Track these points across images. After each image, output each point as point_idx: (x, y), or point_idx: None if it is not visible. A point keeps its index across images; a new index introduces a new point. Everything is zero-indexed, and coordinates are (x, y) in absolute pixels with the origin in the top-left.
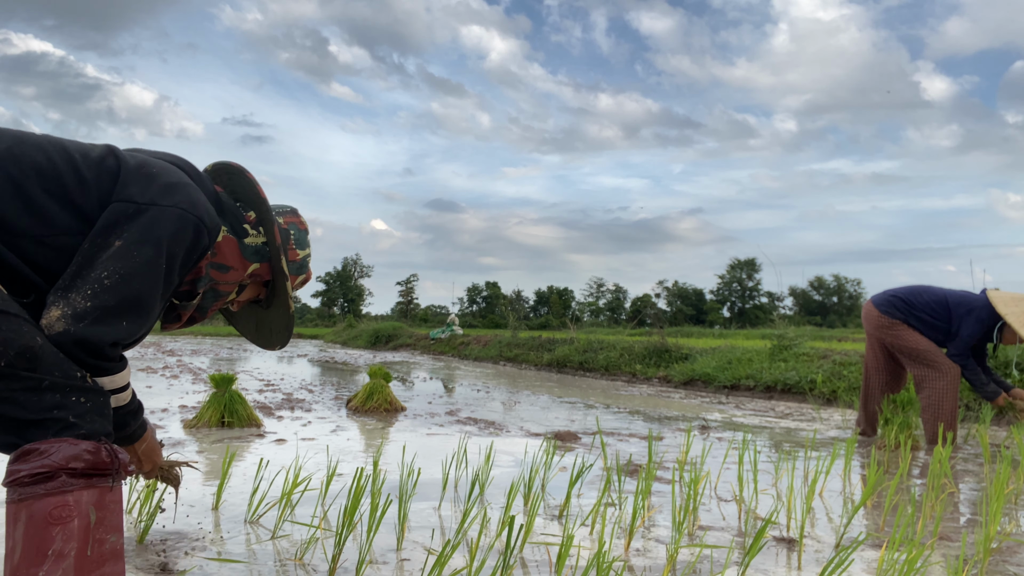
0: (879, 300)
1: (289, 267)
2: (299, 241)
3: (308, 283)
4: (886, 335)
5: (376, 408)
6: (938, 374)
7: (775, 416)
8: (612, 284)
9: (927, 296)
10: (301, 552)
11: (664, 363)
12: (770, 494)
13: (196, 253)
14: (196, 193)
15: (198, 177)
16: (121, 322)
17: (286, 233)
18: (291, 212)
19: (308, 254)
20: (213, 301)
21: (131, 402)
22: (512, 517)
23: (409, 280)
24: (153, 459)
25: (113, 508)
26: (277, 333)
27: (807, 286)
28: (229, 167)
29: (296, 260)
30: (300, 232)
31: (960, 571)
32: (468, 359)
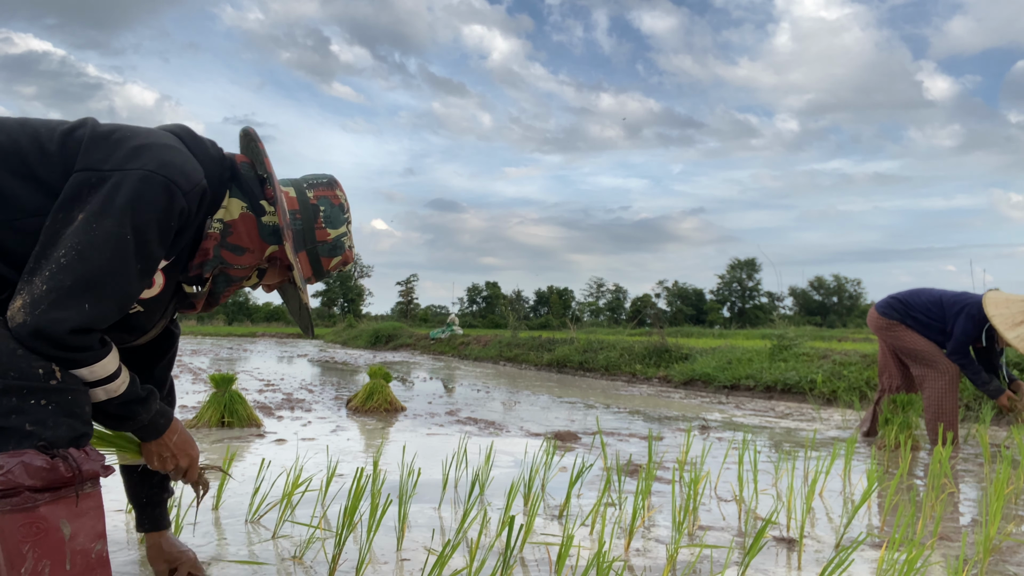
0: (880, 303)
1: (320, 248)
2: (330, 218)
3: (347, 266)
4: (886, 336)
5: (376, 408)
6: (937, 374)
7: (775, 416)
8: (612, 284)
9: (924, 297)
10: (301, 552)
11: (664, 363)
12: (770, 494)
13: (173, 219)
14: (171, 153)
15: (195, 141)
16: (82, 304)
17: (314, 209)
18: (326, 184)
19: (343, 233)
20: (226, 286)
21: (130, 390)
22: (512, 517)
23: (409, 280)
24: (190, 453)
25: (92, 515)
26: (302, 321)
27: (807, 286)
28: (245, 132)
29: (327, 240)
30: (333, 208)
31: (960, 571)
32: (468, 359)
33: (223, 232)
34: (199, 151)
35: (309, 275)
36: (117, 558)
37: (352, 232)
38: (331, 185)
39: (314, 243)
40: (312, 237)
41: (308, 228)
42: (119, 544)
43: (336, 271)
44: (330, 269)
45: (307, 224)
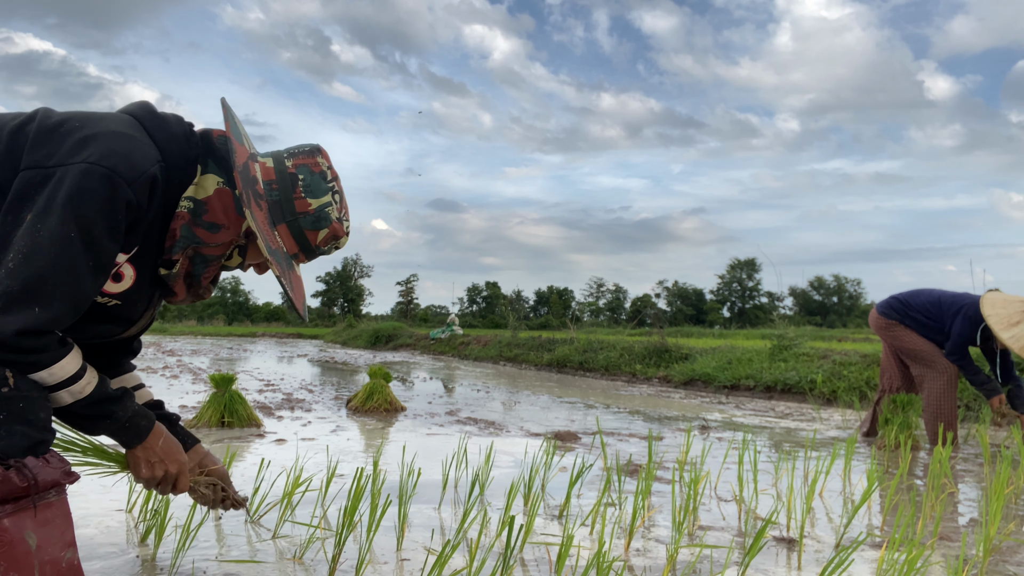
0: (881, 303)
1: (302, 220)
2: (310, 187)
3: (339, 241)
4: (887, 336)
5: (376, 408)
6: (936, 374)
7: (775, 416)
8: (612, 284)
9: (924, 297)
10: (301, 552)
11: (664, 363)
12: (770, 494)
13: (119, 211)
14: (117, 141)
15: (155, 121)
16: (31, 308)
17: (292, 178)
18: (307, 152)
19: (326, 203)
20: (204, 267)
21: (99, 390)
22: (512, 517)
23: (409, 280)
24: (178, 459)
25: (58, 523)
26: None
27: (807, 286)
28: (221, 101)
29: (308, 211)
30: (313, 176)
31: (960, 571)
32: (468, 359)
33: (194, 211)
34: (159, 131)
35: (295, 250)
36: (117, 558)
37: (344, 204)
38: (313, 152)
39: (294, 214)
40: (291, 208)
41: (286, 199)
42: (119, 545)
43: (328, 248)
44: (319, 244)
45: (284, 194)
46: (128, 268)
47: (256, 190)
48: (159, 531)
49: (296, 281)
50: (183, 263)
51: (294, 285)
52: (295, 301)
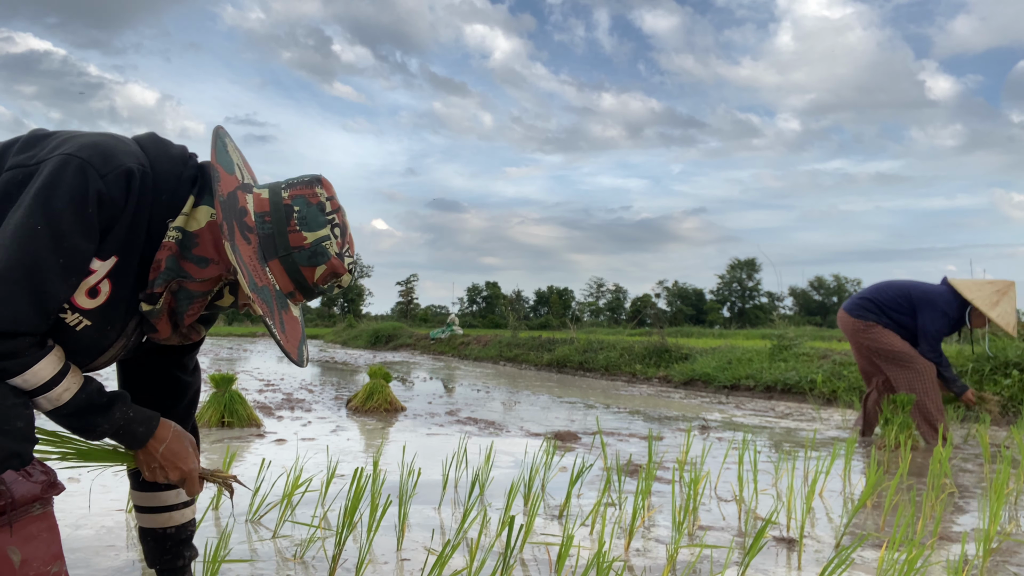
0: (850, 305)
1: (297, 256)
2: (305, 220)
3: (341, 279)
4: (863, 339)
5: (376, 408)
6: (915, 375)
7: (775, 416)
8: (612, 284)
9: (891, 291)
10: (302, 552)
11: (664, 363)
12: (770, 494)
13: (90, 204)
14: (98, 138)
15: (151, 139)
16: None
17: (287, 210)
18: (304, 183)
19: (323, 237)
20: (188, 303)
21: (77, 399)
22: (512, 517)
23: (409, 280)
24: (180, 467)
25: (44, 537)
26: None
27: (807, 286)
28: (214, 131)
29: (303, 246)
30: (310, 208)
31: (960, 571)
32: (468, 359)
33: (183, 242)
34: (153, 147)
35: (290, 288)
36: (118, 558)
37: (348, 239)
38: (311, 183)
39: (288, 249)
40: (285, 242)
41: (280, 232)
42: (119, 545)
43: (328, 286)
44: (317, 282)
45: (278, 227)
46: (106, 284)
47: (245, 222)
48: None
49: (290, 322)
50: (166, 298)
51: (287, 326)
52: (284, 344)
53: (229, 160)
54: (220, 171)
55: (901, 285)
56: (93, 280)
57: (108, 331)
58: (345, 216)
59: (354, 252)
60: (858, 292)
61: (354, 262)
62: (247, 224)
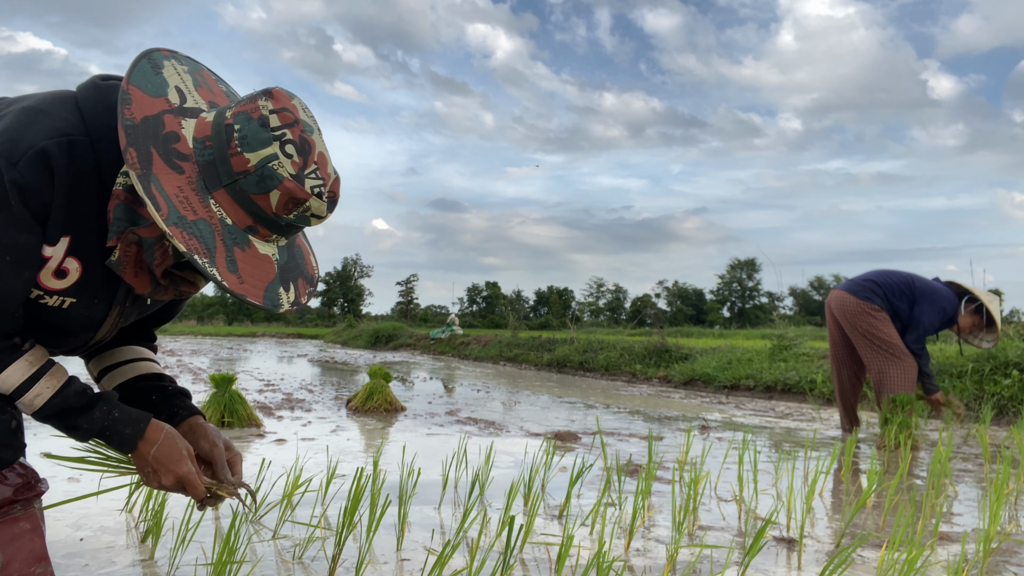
0: (853, 287)
1: (244, 182)
2: (246, 138)
3: (308, 205)
4: (861, 321)
5: (376, 408)
6: (900, 371)
7: (775, 416)
8: (612, 284)
9: (895, 278)
10: (301, 552)
11: (664, 363)
12: (770, 494)
13: (12, 195)
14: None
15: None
16: None
17: (227, 130)
18: (249, 98)
19: (270, 156)
20: (151, 253)
21: (51, 404)
22: (512, 517)
23: (409, 280)
24: (174, 470)
25: (27, 538)
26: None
27: (807, 286)
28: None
29: (247, 169)
30: (250, 124)
31: (960, 571)
32: (468, 359)
33: (130, 189)
34: (90, 100)
35: (247, 222)
36: (118, 558)
37: (310, 157)
38: (257, 96)
39: (232, 175)
40: (228, 168)
41: (221, 157)
42: (119, 545)
43: (295, 215)
44: (278, 212)
45: (219, 152)
46: (72, 262)
47: (175, 148)
48: (156, 531)
49: (253, 261)
50: (127, 250)
51: (243, 264)
52: (232, 285)
53: (161, 82)
54: (134, 93)
55: (904, 274)
56: (53, 264)
57: (96, 303)
58: (309, 131)
59: (327, 174)
60: (859, 275)
61: (324, 184)
62: (178, 151)
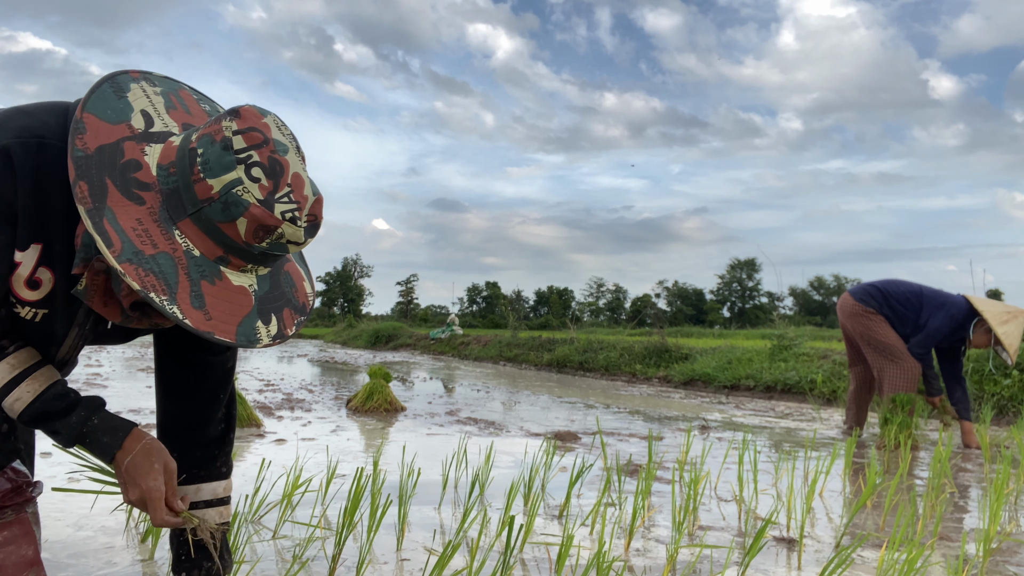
0: (855, 290)
1: (210, 210)
2: (208, 164)
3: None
4: (858, 323)
5: (376, 408)
6: (900, 371)
7: (775, 416)
8: (612, 284)
9: (902, 287)
10: (301, 552)
11: (664, 363)
12: (770, 494)
13: None
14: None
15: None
16: None
17: (191, 155)
18: (214, 120)
19: (232, 182)
20: (119, 283)
21: (34, 404)
22: (512, 517)
23: (409, 280)
24: (140, 484)
25: (17, 543)
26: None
27: (807, 286)
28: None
29: (212, 198)
30: (213, 147)
31: (960, 571)
32: (468, 359)
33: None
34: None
35: (218, 253)
36: (118, 558)
37: (280, 181)
38: (221, 117)
39: (196, 204)
40: (192, 196)
41: (185, 184)
42: (119, 546)
43: (269, 244)
44: (247, 240)
45: (183, 179)
46: (45, 272)
47: (134, 178)
48: (156, 531)
49: (224, 294)
50: (95, 279)
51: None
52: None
53: (124, 107)
54: (90, 121)
55: (913, 285)
56: (24, 272)
57: (58, 320)
58: (282, 151)
59: (302, 196)
60: (869, 281)
61: (299, 207)
62: (139, 180)
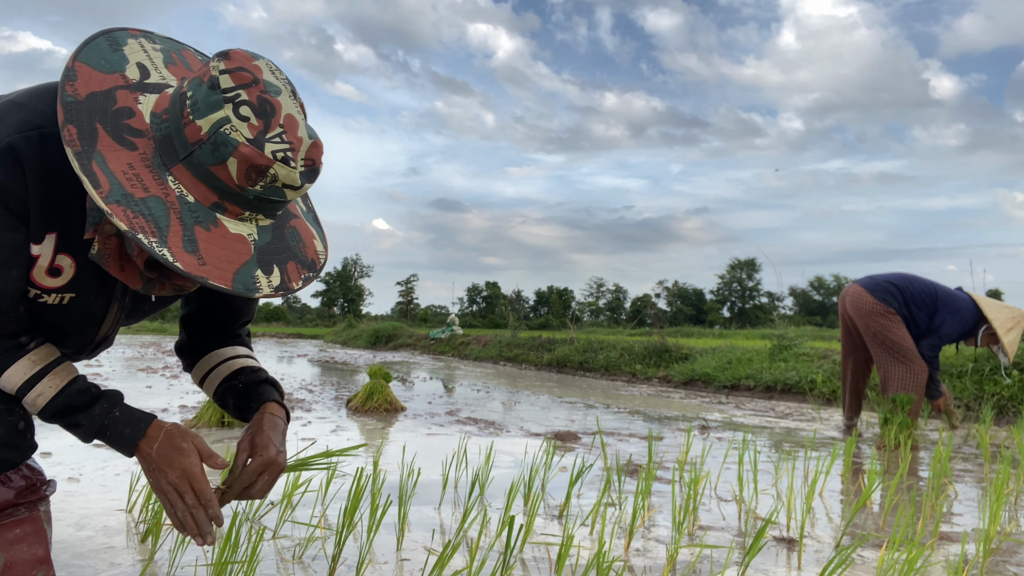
0: (872, 286)
1: (200, 153)
2: (196, 105)
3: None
4: (874, 322)
5: (376, 408)
6: (910, 374)
7: (775, 416)
8: (612, 284)
9: (918, 286)
10: (301, 552)
11: (664, 363)
12: (770, 494)
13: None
14: None
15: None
16: None
17: (181, 100)
18: (204, 62)
19: (220, 120)
20: (129, 244)
21: (57, 399)
22: (512, 517)
23: (409, 280)
24: (177, 462)
25: (29, 541)
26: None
27: (807, 286)
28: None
29: (202, 139)
30: (200, 88)
31: (960, 571)
32: (468, 359)
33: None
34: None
35: (213, 199)
36: (119, 558)
37: (272, 120)
38: (210, 59)
39: (187, 147)
40: (183, 140)
41: (176, 129)
42: (119, 546)
43: (262, 186)
44: (240, 183)
45: (175, 124)
46: (65, 259)
47: (127, 124)
48: (156, 531)
49: (220, 240)
50: (107, 242)
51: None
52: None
53: (119, 58)
54: (81, 70)
55: (927, 282)
56: (44, 263)
57: (94, 299)
58: (274, 92)
59: (296, 138)
60: (880, 275)
61: (293, 148)
62: (131, 127)
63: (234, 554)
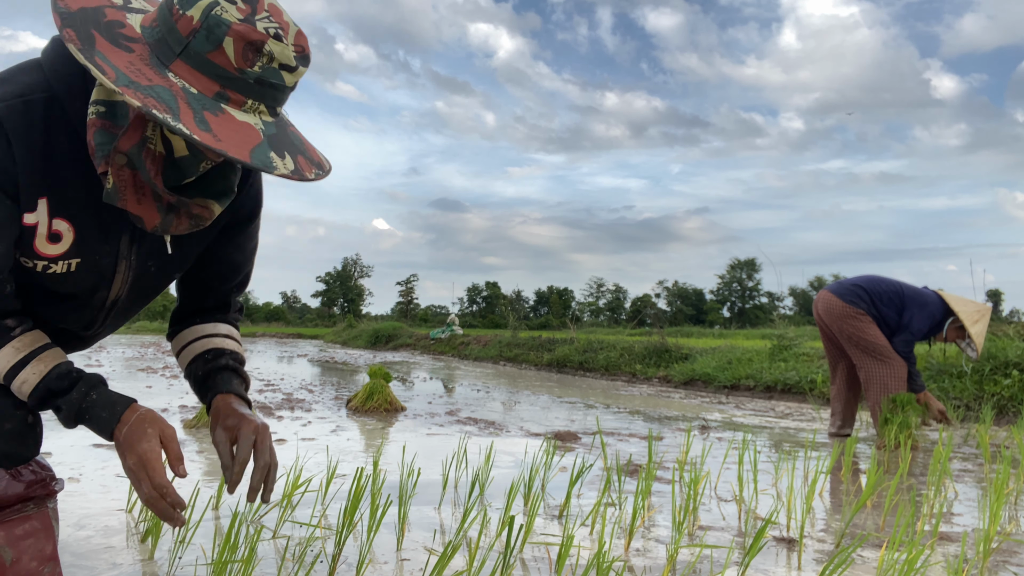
0: (840, 290)
1: (196, 43)
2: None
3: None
4: (847, 325)
5: (376, 408)
6: (889, 371)
7: (775, 416)
8: (612, 284)
9: (884, 286)
10: (301, 552)
11: (664, 363)
12: (770, 494)
13: None
14: None
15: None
16: None
17: (168, 3)
18: None
19: (210, 4)
20: (139, 161)
21: (40, 386)
22: (512, 517)
23: (409, 280)
24: (134, 447)
25: (37, 537)
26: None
27: (807, 286)
28: None
29: (195, 29)
30: None
31: (960, 571)
32: (468, 359)
33: (106, 115)
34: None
35: (215, 88)
36: (119, 558)
37: (263, 4)
38: None
39: (182, 41)
40: (177, 36)
41: (168, 28)
42: (119, 546)
43: (260, 66)
44: (240, 65)
45: (165, 25)
46: (62, 223)
47: (120, 33)
48: (156, 531)
49: (230, 124)
50: (120, 173)
51: (217, 125)
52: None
53: None
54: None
55: (893, 282)
56: (43, 230)
57: (100, 259)
58: None
59: (283, 21)
60: (845, 279)
61: (281, 29)
62: (125, 35)
63: (234, 554)
